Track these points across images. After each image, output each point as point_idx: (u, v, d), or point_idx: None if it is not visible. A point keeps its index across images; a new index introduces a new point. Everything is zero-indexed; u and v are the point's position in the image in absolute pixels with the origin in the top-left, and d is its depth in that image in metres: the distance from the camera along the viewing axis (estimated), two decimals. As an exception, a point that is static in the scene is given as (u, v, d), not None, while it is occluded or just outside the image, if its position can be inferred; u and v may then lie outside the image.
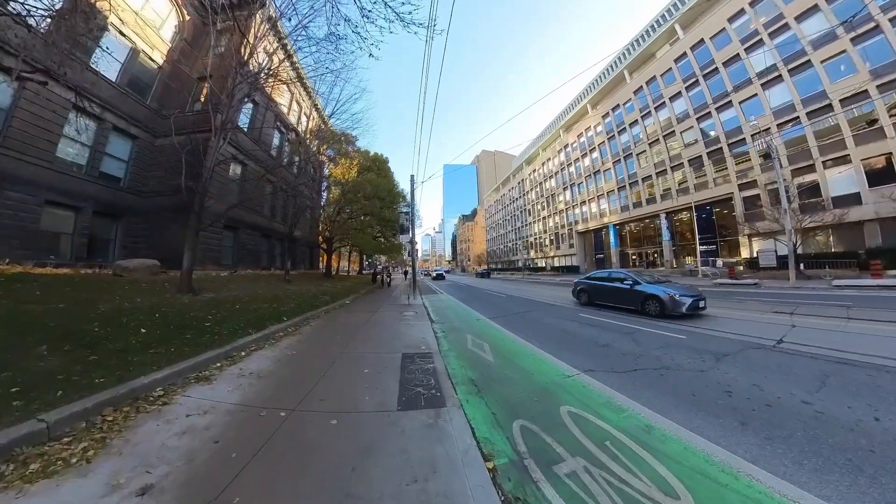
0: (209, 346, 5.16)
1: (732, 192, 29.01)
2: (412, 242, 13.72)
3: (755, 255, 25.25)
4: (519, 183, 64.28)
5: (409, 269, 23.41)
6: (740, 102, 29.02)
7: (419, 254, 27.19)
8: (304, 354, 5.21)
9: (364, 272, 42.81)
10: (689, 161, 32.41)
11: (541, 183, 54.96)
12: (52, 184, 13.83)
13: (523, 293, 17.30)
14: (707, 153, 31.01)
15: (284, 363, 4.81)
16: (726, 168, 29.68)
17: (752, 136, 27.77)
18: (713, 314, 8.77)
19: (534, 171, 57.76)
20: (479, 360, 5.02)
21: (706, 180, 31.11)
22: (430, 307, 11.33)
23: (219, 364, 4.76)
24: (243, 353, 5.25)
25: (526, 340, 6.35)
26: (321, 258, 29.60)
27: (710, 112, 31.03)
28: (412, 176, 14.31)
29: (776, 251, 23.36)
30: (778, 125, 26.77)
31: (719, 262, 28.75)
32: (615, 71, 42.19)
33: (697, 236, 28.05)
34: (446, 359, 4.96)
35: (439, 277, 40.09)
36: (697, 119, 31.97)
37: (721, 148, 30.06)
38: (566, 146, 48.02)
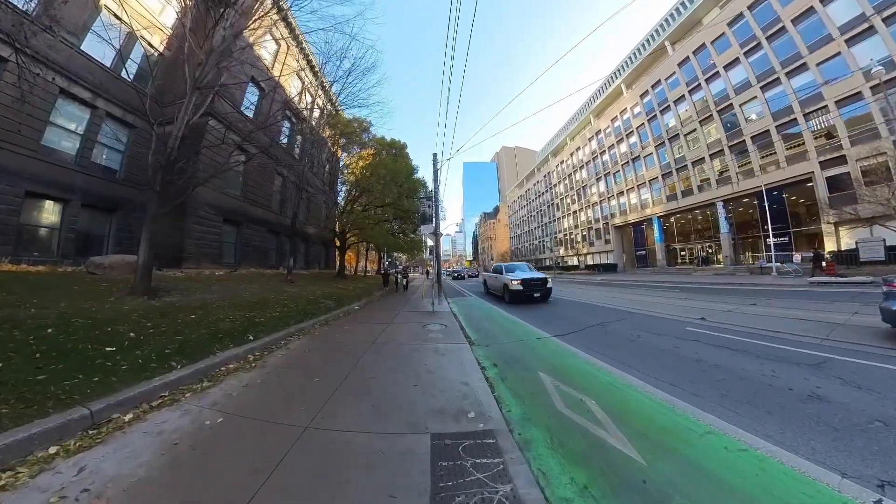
0: (66, 400, 2.69)
1: (812, 172, 24.36)
2: (436, 233, 11.03)
3: (853, 245, 20.69)
4: (545, 176, 60.27)
5: (431, 269, 20.82)
6: (818, 64, 24.35)
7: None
8: (232, 429, 2.60)
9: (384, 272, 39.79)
10: (751, 138, 27.88)
11: (570, 175, 50.87)
12: (35, 174, 12.35)
13: (573, 295, 14.19)
14: (776, 127, 26.42)
15: (179, 458, 2.22)
16: (802, 143, 25.06)
17: (836, 101, 23.20)
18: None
19: (561, 162, 53.72)
20: (605, 455, 2.20)
21: (776, 159, 26.52)
22: (461, 316, 8.58)
23: (53, 450, 2.26)
24: (127, 418, 2.74)
25: (653, 387, 3.47)
26: (345, 257, 27.69)
27: (777, 79, 26.43)
28: (434, 154, 11.68)
29: (884, 240, 18.79)
30: (871, 88, 21.99)
31: (797, 256, 24.15)
32: (654, 43, 37.83)
33: (770, 226, 23.69)
34: (531, 451, 2.19)
35: (535, 291, 11.60)
36: (762, 88, 27.37)
37: (794, 119, 25.47)
38: (598, 133, 43.89)
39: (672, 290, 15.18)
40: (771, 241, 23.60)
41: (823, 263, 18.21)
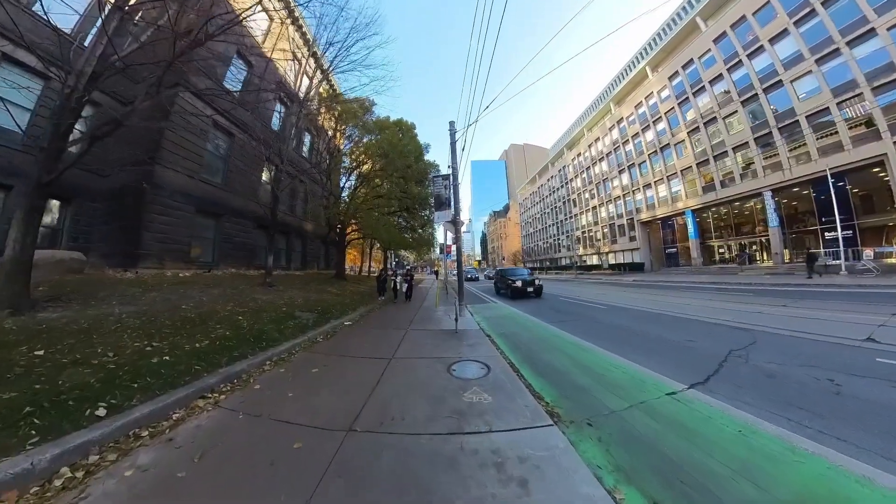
0: None
1: (885, 154, 20.93)
2: (456, 222, 8.34)
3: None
4: (560, 171, 56.94)
5: (441, 269, 18.07)
6: (889, 28, 20.91)
7: (450, 253, 20.89)
8: None
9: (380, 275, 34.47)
10: (806, 117, 24.47)
11: (588, 168, 47.55)
12: (-34, 155, 10.11)
13: (627, 302, 11.30)
14: (836, 104, 23.00)
15: None
16: (872, 121, 21.60)
17: (914, 72, 19.81)
18: None
19: (578, 155, 50.41)
20: None
21: (837, 141, 23.10)
22: (498, 337, 5.84)
23: None
24: None
25: None
26: (345, 256, 25.19)
27: (836, 48, 23.03)
28: (452, 122, 9.01)
29: None
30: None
31: (867, 252, 20.81)
32: (683, 20, 34.52)
33: (837, 217, 20.39)
34: None
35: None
36: (817, 61, 23.98)
37: (860, 94, 22.03)
38: (620, 121, 40.61)
39: (743, 293, 12.22)
40: (839, 234, 20.31)
41: (815, 265, 17.53)
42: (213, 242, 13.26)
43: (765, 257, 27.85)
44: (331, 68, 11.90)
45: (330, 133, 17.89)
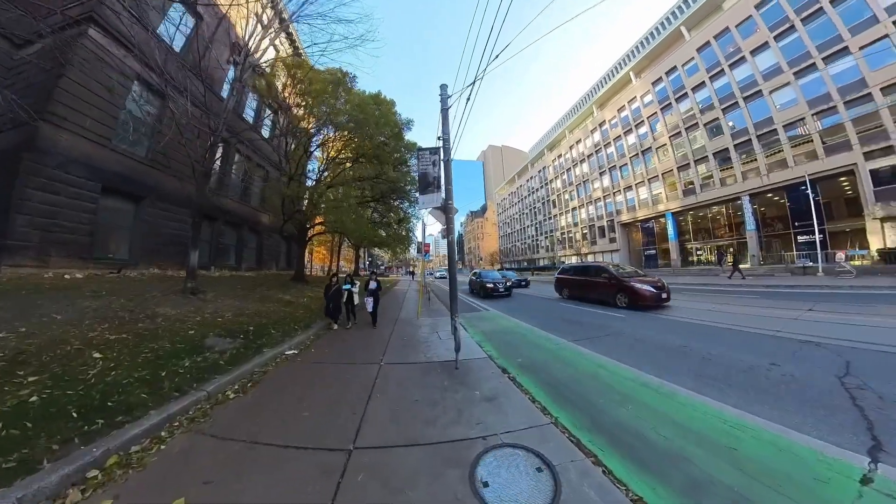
0: None
1: (854, 163, 21.92)
2: (447, 209, 6.38)
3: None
4: (539, 171, 56.55)
5: (417, 270, 15.86)
6: (861, 48, 22.00)
7: (427, 253, 18.29)
8: None
9: (364, 274, 27.38)
10: (784, 126, 25.12)
11: (568, 169, 47.29)
12: None
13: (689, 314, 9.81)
14: (812, 115, 23.75)
15: None
16: (844, 133, 22.46)
17: (881, 88, 20.78)
18: None
19: (559, 156, 50.11)
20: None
21: (812, 150, 23.92)
22: (531, 380, 3.91)
23: None
24: None
25: None
26: (309, 255, 22.19)
27: (813, 64, 23.87)
28: (444, 86, 7.06)
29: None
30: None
31: (840, 254, 21.38)
32: (667, 29, 34.87)
33: (815, 221, 20.82)
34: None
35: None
36: (795, 74, 24.79)
37: (834, 107, 22.92)
38: (602, 124, 40.52)
39: (749, 296, 11.29)
40: (816, 238, 20.72)
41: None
42: (131, 234, 10.26)
43: (740, 259, 28.40)
44: (291, 18, 9.49)
45: (290, 103, 15.14)
